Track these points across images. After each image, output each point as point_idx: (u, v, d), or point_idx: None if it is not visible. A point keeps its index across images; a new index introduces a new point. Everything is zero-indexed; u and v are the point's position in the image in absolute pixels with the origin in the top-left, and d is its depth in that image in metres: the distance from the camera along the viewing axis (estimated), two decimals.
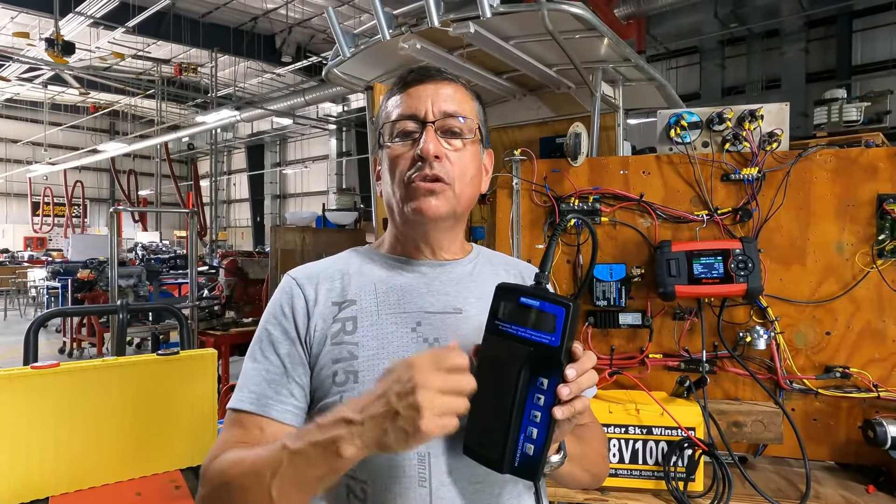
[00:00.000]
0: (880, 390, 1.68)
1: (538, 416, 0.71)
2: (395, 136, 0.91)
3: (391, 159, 0.91)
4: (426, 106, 0.90)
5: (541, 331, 0.71)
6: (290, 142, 25.90)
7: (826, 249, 1.75)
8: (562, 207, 1.91)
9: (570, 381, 0.70)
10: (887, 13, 10.87)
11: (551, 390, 0.71)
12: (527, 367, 0.72)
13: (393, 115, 0.92)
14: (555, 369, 0.71)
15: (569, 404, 0.70)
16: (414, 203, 0.88)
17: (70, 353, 8.29)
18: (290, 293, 0.92)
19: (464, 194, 0.91)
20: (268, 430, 0.85)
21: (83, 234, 19.39)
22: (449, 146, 0.90)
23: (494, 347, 0.74)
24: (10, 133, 25.05)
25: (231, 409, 0.88)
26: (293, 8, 13.92)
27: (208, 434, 2.01)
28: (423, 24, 2.17)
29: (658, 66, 13.17)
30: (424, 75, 0.93)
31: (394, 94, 0.95)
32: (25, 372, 1.69)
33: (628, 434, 1.60)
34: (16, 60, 14.24)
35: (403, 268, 0.95)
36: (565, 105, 3.11)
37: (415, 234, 0.93)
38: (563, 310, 0.70)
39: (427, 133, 0.88)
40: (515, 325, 0.73)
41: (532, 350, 0.71)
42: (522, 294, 0.73)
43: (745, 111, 1.81)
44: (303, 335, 0.88)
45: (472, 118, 0.93)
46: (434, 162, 0.87)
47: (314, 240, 5.60)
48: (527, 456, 0.72)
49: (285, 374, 0.87)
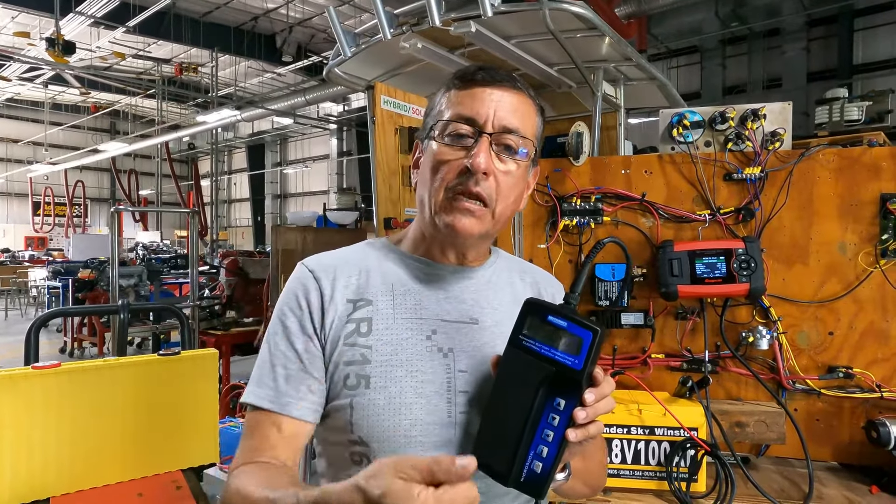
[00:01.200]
0: (884, 390, 1.67)
1: (550, 435, 0.71)
2: (446, 136, 0.85)
3: (436, 160, 0.86)
4: (487, 113, 0.84)
5: (565, 352, 0.71)
6: (291, 141, 25.90)
7: (829, 249, 1.75)
8: (564, 207, 1.90)
9: (589, 405, 0.69)
10: (888, 12, 10.85)
11: (567, 412, 0.71)
12: (546, 386, 0.72)
13: (448, 113, 0.86)
14: (574, 391, 0.71)
15: (584, 428, 0.70)
16: (449, 217, 0.84)
17: (71, 353, 8.30)
18: (306, 285, 0.89)
19: (503, 217, 0.87)
20: (285, 428, 0.84)
21: (84, 233, 19.44)
22: (501, 164, 0.84)
23: (515, 361, 0.74)
24: (11, 133, 25.08)
25: (250, 406, 0.86)
26: (294, 7, 13.92)
27: (210, 434, 2.01)
28: (425, 23, 2.16)
29: (659, 65, 13.16)
30: (494, 77, 0.86)
31: (455, 89, 0.87)
32: (26, 372, 1.69)
33: (630, 434, 1.59)
34: (17, 60, 14.24)
35: (424, 270, 0.92)
36: (567, 104, 3.10)
37: (442, 240, 0.90)
38: (591, 334, 0.70)
39: (481, 145, 0.82)
40: (540, 342, 0.73)
41: (554, 370, 0.71)
42: (551, 313, 0.73)
43: (748, 110, 1.80)
44: (318, 331, 0.87)
45: (531, 138, 0.87)
46: (481, 178, 0.82)
47: (315, 239, 5.60)
48: (534, 473, 0.72)
49: (304, 370, 0.85)
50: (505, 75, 0.87)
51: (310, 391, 0.85)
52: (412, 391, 0.83)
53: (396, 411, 0.82)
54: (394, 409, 0.82)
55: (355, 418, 0.83)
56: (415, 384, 0.84)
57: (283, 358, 0.86)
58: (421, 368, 0.85)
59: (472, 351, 0.88)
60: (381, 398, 0.82)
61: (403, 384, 0.83)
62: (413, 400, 0.83)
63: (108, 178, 27.64)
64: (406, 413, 0.82)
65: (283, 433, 0.84)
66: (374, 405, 0.82)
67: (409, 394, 0.83)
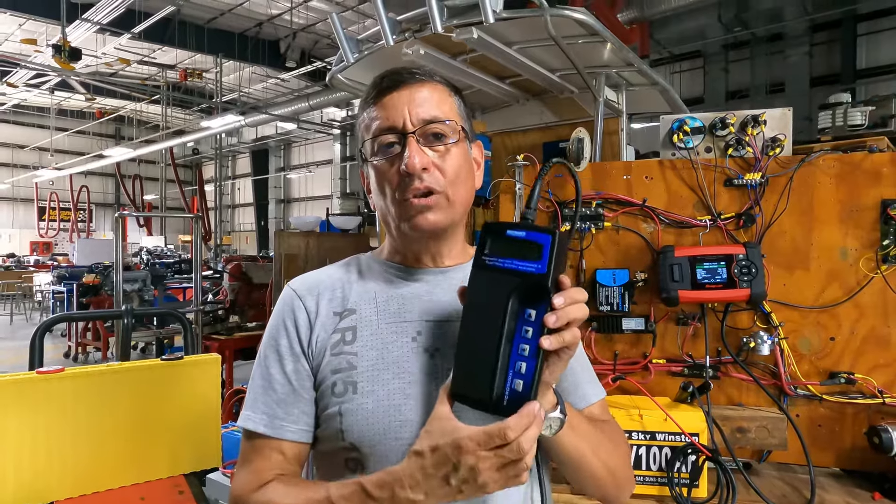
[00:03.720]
0: (886, 396, 1.67)
1: (527, 349, 0.69)
2: (377, 152, 0.88)
3: (378, 177, 0.89)
4: (403, 115, 0.86)
5: (527, 260, 0.70)
6: (295, 146, 25.99)
7: (830, 254, 1.75)
8: (564, 212, 1.91)
9: (558, 308, 0.68)
10: (892, 17, 10.84)
11: (539, 321, 0.69)
12: (514, 298, 0.70)
13: (372, 130, 0.88)
14: (543, 299, 0.69)
15: (557, 334, 0.68)
16: (411, 221, 0.86)
17: (75, 358, 8.33)
18: (292, 305, 0.92)
19: (458, 198, 0.88)
20: (288, 452, 0.87)
21: (89, 238, 19.49)
22: (435, 153, 0.86)
23: (481, 283, 0.73)
24: (17, 138, 25.23)
25: (246, 431, 0.89)
26: (298, 14, 13.99)
27: (212, 439, 2.02)
28: (427, 29, 2.18)
29: (662, 70, 13.18)
30: (397, 80, 0.88)
31: (368, 106, 0.90)
32: (31, 377, 1.70)
33: (632, 440, 1.59)
34: (23, 67, 14.37)
35: (404, 276, 0.94)
36: (569, 110, 3.11)
37: (415, 247, 0.92)
38: (549, 237, 0.69)
39: (410, 146, 0.84)
40: (502, 257, 0.72)
41: (519, 280, 0.70)
42: (508, 227, 0.73)
43: (748, 116, 1.81)
44: (306, 348, 0.89)
45: (454, 119, 0.89)
46: (422, 175, 0.84)
47: (318, 244, 5.61)
48: (516, 392, 0.69)
49: (294, 392, 0.88)
50: (405, 73, 0.89)
51: (303, 413, 0.88)
52: (400, 393, 0.84)
53: (386, 413, 0.83)
54: (383, 411, 0.83)
55: (345, 425, 0.84)
56: (402, 385, 0.85)
57: (273, 381, 0.89)
58: (408, 370, 0.86)
59: None
60: (369, 402, 0.83)
61: (391, 386, 0.84)
62: (402, 401, 0.84)
63: (112, 183, 27.74)
64: (395, 415, 0.83)
65: (282, 455, 0.87)
66: (363, 409, 0.83)
67: (397, 395, 0.84)
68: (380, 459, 0.82)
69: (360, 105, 0.93)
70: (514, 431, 0.65)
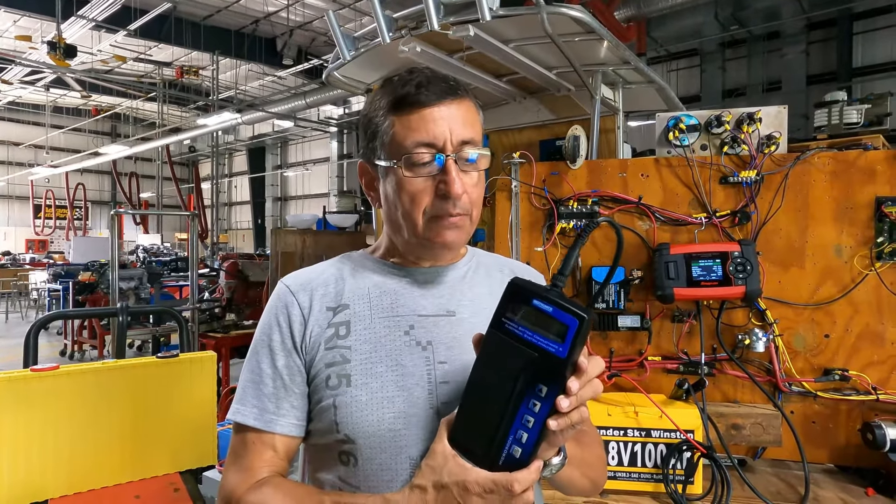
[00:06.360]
0: (879, 393, 1.68)
1: (531, 421, 0.69)
2: (412, 166, 0.85)
3: (409, 190, 0.86)
4: (445, 134, 0.84)
5: (549, 339, 0.68)
6: (291, 144, 25.94)
7: (824, 252, 1.76)
8: (561, 210, 1.91)
9: (572, 394, 0.68)
10: (888, 15, 10.88)
11: (549, 399, 0.68)
12: (528, 371, 0.69)
13: (407, 142, 0.85)
14: (557, 379, 0.68)
15: (566, 416, 0.68)
16: (438, 237, 0.87)
17: (71, 356, 8.31)
18: (285, 301, 0.92)
19: (476, 217, 0.91)
20: (279, 446, 0.88)
21: (84, 236, 19.45)
22: (468, 178, 0.87)
23: (497, 344, 0.72)
24: (13, 136, 25.12)
25: (236, 424, 0.90)
26: (294, 11, 13.96)
27: (208, 437, 2.01)
28: (423, 27, 2.17)
29: (658, 68, 13.20)
30: (436, 93, 0.85)
31: (403, 109, 0.86)
32: (25, 375, 1.70)
33: (627, 437, 1.60)
34: (18, 63, 14.28)
35: (398, 273, 0.95)
36: (565, 108, 3.11)
37: (422, 253, 0.93)
38: (577, 322, 0.67)
39: (451, 170, 0.84)
40: (523, 327, 0.70)
41: (536, 356, 0.68)
42: (536, 297, 0.70)
43: (744, 114, 1.81)
44: (298, 343, 0.89)
45: (481, 137, 0.90)
46: (459, 200, 0.85)
47: (315, 242, 5.61)
48: (512, 457, 0.70)
49: (284, 387, 0.88)
50: (444, 87, 0.87)
51: (293, 407, 0.88)
52: (393, 385, 0.85)
53: (379, 405, 0.84)
54: (376, 403, 0.84)
55: (339, 417, 0.85)
56: (395, 378, 0.86)
57: (264, 375, 0.89)
58: (401, 363, 0.87)
59: (450, 342, 0.89)
60: (363, 394, 0.84)
61: (385, 379, 0.86)
62: (395, 393, 0.85)
63: (108, 180, 27.66)
64: (389, 406, 0.84)
65: (273, 451, 0.87)
66: (356, 402, 0.84)
67: (390, 388, 0.85)
68: (373, 451, 0.84)
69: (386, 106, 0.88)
70: (520, 486, 0.69)
